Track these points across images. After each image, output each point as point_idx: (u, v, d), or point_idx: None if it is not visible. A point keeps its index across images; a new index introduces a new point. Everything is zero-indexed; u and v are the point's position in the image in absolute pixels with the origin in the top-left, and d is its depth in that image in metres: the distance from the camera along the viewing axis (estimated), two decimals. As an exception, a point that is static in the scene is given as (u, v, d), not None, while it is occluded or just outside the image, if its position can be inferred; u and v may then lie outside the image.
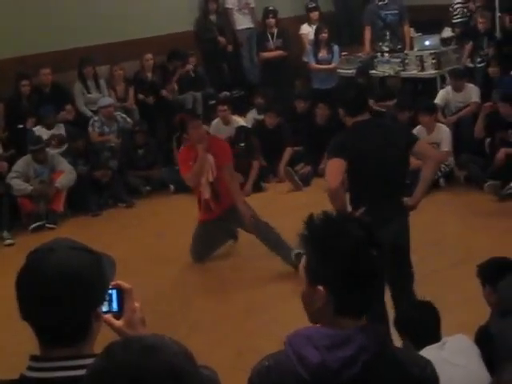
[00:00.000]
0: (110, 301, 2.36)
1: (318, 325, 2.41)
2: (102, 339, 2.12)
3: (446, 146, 10.21)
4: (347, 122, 5.78)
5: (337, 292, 2.33)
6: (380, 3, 12.71)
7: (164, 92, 12.43)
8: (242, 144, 11.17)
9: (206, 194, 8.30)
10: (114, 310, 2.36)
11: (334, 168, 5.54)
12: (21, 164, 10.54)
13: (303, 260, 2.41)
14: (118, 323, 2.35)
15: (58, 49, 11.93)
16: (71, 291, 2.14)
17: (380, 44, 12.65)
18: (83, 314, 2.18)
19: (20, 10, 11.81)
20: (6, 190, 10.27)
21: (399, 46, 12.53)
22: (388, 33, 12.69)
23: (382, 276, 2.42)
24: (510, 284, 4.46)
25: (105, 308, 2.32)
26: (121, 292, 2.37)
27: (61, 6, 12.12)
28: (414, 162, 6.26)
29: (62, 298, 2.13)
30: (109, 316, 2.34)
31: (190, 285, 8.06)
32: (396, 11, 12.66)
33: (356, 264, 2.31)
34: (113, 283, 2.36)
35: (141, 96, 12.33)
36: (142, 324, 2.37)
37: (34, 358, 2.18)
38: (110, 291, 2.34)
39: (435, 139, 10.15)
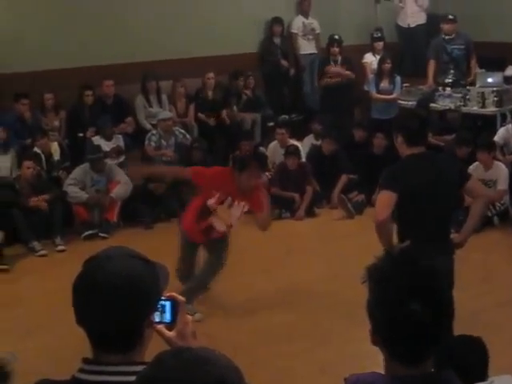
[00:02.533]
0: (163, 312, 2.38)
1: (375, 371, 2.39)
2: (153, 350, 2.15)
3: (503, 184, 10.13)
4: (402, 151, 5.74)
5: (382, 337, 2.32)
6: (447, 37, 12.67)
7: (224, 113, 12.52)
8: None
9: (220, 226, 7.71)
10: (167, 320, 2.38)
11: (384, 201, 5.55)
12: (78, 172, 10.68)
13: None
14: (170, 334, 2.37)
15: (121, 61, 12.11)
16: (126, 298, 2.18)
17: (443, 78, 12.61)
18: (136, 321, 2.22)
19: (86, 22, 12.03)
20: (62, 197, 10.40)
21: (462, 81, 12.47)
22: (452, 67, 12.65)
23: (438, 325, 2.31)
24: None
25: (157, 318, 2.35)
26: (174, 304, 2.40)
27: (127, 20, 12.33)
28: (467, 199, 6.22)
29: (117, 304, 2.17)
30: (161, 326, 2.37)
31: (236, 302, 8.06)
32: (462, 46, 12.62)
33: (395, 315, 2.26)
34: (167, 294, 2.39)
35: (201, 116, 12.45)
36: (193, 337, 2.39)
37: (86, 360, 2.22)
38: (163, 302, 2.37)
39: (492, 177, 10.09)
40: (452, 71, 12.66)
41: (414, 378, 2.30)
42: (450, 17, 12.59)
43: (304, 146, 12.12)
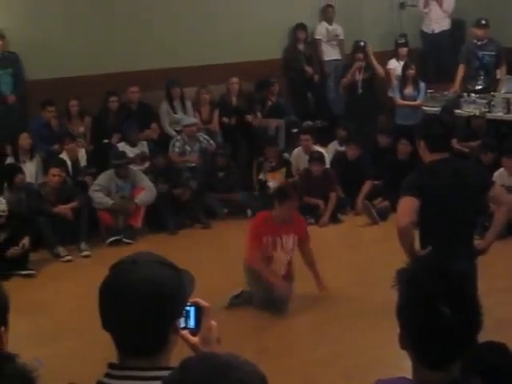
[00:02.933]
0: (188, 317, 2.40)
1: (404, 376, 2.39)
2: (177, 355, 2.17)
3: (528, 190, 10.07)
4: (424, 157, 5.73)
5: (411, 340, 2.31)
6: (478, 43, 12.62)
7: (249, 117, 12.55)
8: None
9: (281, 270, 7.96)
10: (191, 326, 2.40)
11: (406, 206, 5.53)
12: (103, 178, 10.73)
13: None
14: (194, 340, 2.39)
15: (146, 68, 12.17)
16: (152, 304, 2.20)
17: (473, 84, 12.56)
18: (162, 326, 2.23)
19: (112, 29, 12.12)
20: (87, 203, 10.46)
21: (492, 88, 12.41)
22: (482, 73, 12.60)
23: (467, 330, 2.31)
24: None
25: (182, 324, 2.36)
26: (199, 309, 2.41)
27: (152, 27, 12.39)
28: (492, 205, 6.20)
29: (143, 309, 2.19)
30: (185, 332, 2.38)
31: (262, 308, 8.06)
32: (493, 52, 12.55)
33: (425, 318, 2.26)
34: (191, 300, 2.40)
35: (225, 119, 12.48)
36: (217, 343, 2.40)
37: (112, 365, 2.24)
38: (188, 308, 2.39)
39: (517, 183, 10.04)
40: (482, 77, 12.60)
41: (442, 383, 2.30)
42: (483, 22, 12.50)
43: (328, 152, 12.11)
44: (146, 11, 12.37)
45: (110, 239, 10.37)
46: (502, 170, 10.10)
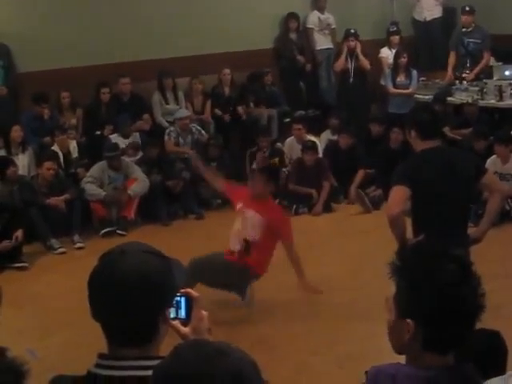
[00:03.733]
0: (178, 308, 2.39)
1: (398, 362, 2.40)
2: (168, 346, 2.16)
3: (521, 177, 10.08)
4: (415, 146, 5.72)
5: (426, 328, 2.31)
6: (464, 30, 12.62)
7: (240, 109, 12.54)
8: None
9: (235, 245, 7.59)
10: (182, 317, 2.40)
11: (396, 195, 5.54)
12: (96, 169, 10.72)
13: (393, 290, 2.40)
14: (185, 330, 2.39)
15: (137, 59, 12.15)
16: (141, 293, 2.19)
17: (461, 71, 12.57)
18: (152, 315, 2.23)
19: (101, 20, 12.10)
20: (79, 195, 10.45)
21: (481, 76, 12.41)
22: (468, 60, 12.60)
23: (476, 312, 2.36)
24: None
25: (173, 314, 2.37)
26: (189, 300, 2.41)
27: (142, 18, 12.36)
28: (485, 192, 6.20)
29: (132, 299, 2.19)
30: (176, 322, 2.38)
31: (255, 296, 8.05)
32: (479, 40, 12.56)
33: (447, 302, 2.28)
34: (182, 291, 2.40)
35: (218, 112, 12.47)
36: (208, 333, 2.40)
37: (102, 355, 2.24)
38: (178, 298, 2.39)
39: (510, 170, 10.04)
40: (468, 65, 12.61)
41: (439, 368, 2.32)
42: (467, 8, 12.53)
43: (321, 141, 12.12)
44: (136, 2, 12.35)
45: (104, 231, 10.37)
46: (494, 157, 10.11)
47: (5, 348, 2.86)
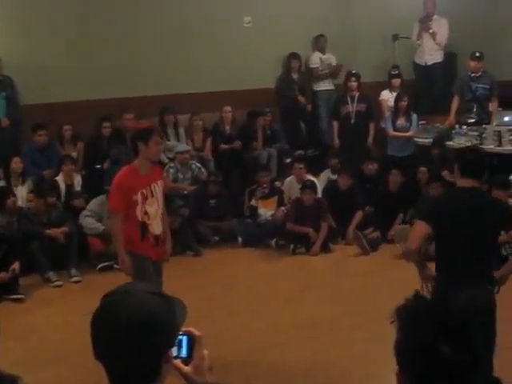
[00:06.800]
0: (180, 346, 2.40)
1: None
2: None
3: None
4: (457, 181, 5.85)
5: (410, 378, 2.29)
6: (472, 75, 12.68)
7: (236, 143, 12.56)
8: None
9: (157, 229, 7.22)
10: (183, 355, 2.40)
11: (417, 231, 5.72)
12: (95, 203, 10.74)
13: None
14: (186, 369, 2.39)
15: (140, 94, 12.23)
16: (144, 335, 2.20)
17: (466, 116, 12.64)
18: (155, 356, 2.24)
19: (106, 54, 12.21)
20: (77, 228, 10.46)
21: (485, 121, 12.46)
22: (475, 106, 12.67)
23: (470, 366, 2.28)
24: None
25: (174, 353, 2.37)
26: (191, 338, 2.42)
27: (144, 54, 12.49)
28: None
29: (135, 341, 2.19)
30: (178, 361, 2.38)
31: (252, 336, 8.04)
32: (487, 86, 12.61)
33: (426, 360, 2.24)
34: (184, 329, 2.41)
35: (223, 147, 12.51)
36: (209, 371, 2.41)
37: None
38: (180, 337, 2.39)
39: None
40: (475, 110, 12.67)
41: None
42: (477, 54, 12.58)
43: (321, 180, 12.17)
44: (141, 38, 12.47)
45: (101, 265, 10.37)
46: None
47: (18, 376, 2.87)
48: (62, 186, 10.97)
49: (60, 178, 11.03)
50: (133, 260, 7.00)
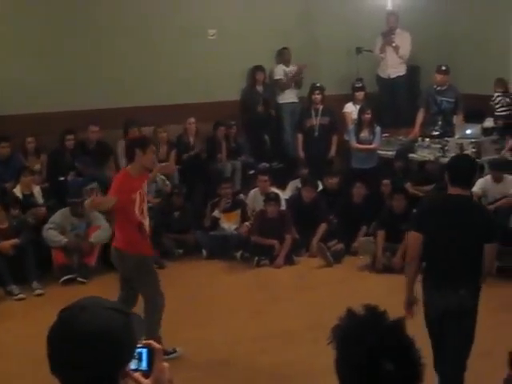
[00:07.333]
0: (140, 359, 2.40)
1: None
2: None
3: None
4: (448, 189, 6.09)
5: None
6: (438, 88, 12.79)
7: (198, 150, 12.54)
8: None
9: (147, 228, 7.65)
10: (143, 368, 2.40)
11: (411, 243, 6.14)
12: (58, 216, 10.68)
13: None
14: (146, 382, 2.39)
15: (104, 107, 12.21)
16: (100, 350, 2.21)
17: (431, 129, 12.74)
18: (111, 372, 2.24)
19: (70, 67, 12.19)
20: (37, 240, 10.39)
21: (449, 134, 12.57)
22: (440, 119, 12.78)
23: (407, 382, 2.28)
24: None
25: (134, 366, 2.37)
26: (151, 351, 2.42)
27: (108, 67, 12.48)
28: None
29: (90, 356, 2.20)
30: (138, 374, 2.39)
31: (215, 350, 8.03)
32: (452, 99, 12.72)
33: (364, 375, 2.24)
34: (144, 342, 2.42)
35: (186, 155, 12.49)
36: None
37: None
38: (140, 350, 2.40)
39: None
40: (440, 123, 12.77)
41: None
42: (443, 68, 12.69)
43: (289, 189, 12.23)
44: (106, 51, 12.46)
45: (64, 278, 10.29)
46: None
47: None
48: (19, 198, 10.88)
49: (17, 189, 10.94)
50: (140, 263, 7.44)
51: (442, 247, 5.87)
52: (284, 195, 12.06)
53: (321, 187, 12.25)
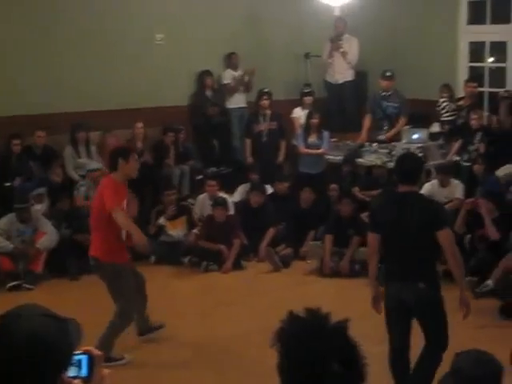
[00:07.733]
0: (80, 366, 2.38)
1: None
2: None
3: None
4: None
5: None
6: (383, 94, 12.90)
7: (146, 157, 12.46)
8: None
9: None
10: (83, 375, 2.38)
11: (370, 244, 6.38)
12: (4, 221, 10.57)
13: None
14: (86, 389, 2.37)
15: (51, 111, 12.10)
16: (35, 358, 2.18)
17: (377, 134, 12.85)
18: (47, 380, 2.22)
19: (17, 71, 12.04)
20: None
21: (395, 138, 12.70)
22: (386, 123, 12.89)
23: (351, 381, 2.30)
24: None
25: (74, 373, 2.35)
26: (91, 358, 2.40)
27: (59, 71, 12.36)
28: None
29: (26, 364, 2.18)
30: (77, 381, 2.36)
31: (158, 356, 8.02)
32: (397, 104, 12.85)
33: (310, 377, 2.24)
34: (83, 348, 2.39)
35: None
36: (109, 391, 2.40)
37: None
38: (80, 356, 2.38)
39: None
40: (386, 128, 12.89)
41: None
42: (388, 73, 12.82)
43: (238, 193, 12.24)
44: (52, 55, 12.35)
45: (10, 284, 10.18)
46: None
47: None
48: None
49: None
50: (116, 272, 7.55)
51: (396, 243, 6.12)
52: (233, 199, 12.05)
53: (270, 191, 12.27)
